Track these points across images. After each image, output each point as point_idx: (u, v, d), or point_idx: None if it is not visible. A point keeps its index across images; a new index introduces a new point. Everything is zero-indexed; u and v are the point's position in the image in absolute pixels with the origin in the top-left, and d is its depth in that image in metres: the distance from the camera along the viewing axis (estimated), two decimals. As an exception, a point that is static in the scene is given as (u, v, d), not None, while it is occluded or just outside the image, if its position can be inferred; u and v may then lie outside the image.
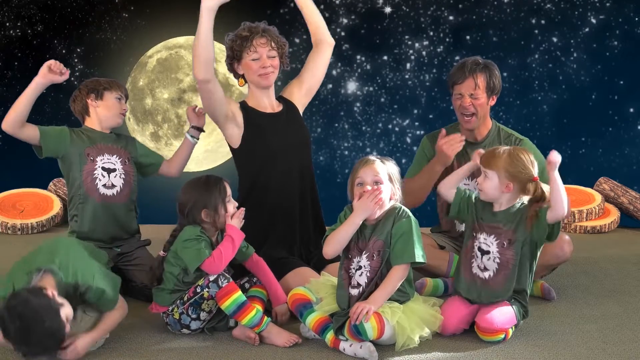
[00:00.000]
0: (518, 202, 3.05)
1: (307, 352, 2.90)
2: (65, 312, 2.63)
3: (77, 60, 6.85)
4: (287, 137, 3.51)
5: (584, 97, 6.57)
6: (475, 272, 3.08)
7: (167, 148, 3.89)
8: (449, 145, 3.49)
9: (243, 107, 3.52)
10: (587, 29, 6.54)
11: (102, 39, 6.87)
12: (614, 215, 5.29)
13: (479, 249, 3.08)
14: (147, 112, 6.83)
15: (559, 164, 2.89)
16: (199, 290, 2.98)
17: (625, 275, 3.97)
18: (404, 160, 4.00)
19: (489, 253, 3.05)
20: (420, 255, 2.91)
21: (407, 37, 6.74)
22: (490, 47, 6.58)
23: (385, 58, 6.77)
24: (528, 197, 3.03)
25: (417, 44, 6.74)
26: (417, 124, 6.75)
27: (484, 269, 3.06)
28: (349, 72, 6.79)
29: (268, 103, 3.55)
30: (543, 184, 3.00)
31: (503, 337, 2.97)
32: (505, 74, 6.42)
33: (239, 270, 3.27)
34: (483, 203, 3.12)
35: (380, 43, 6.76)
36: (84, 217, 3.57)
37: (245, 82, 3.56)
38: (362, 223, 2.97)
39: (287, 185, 3.48)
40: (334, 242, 2.97)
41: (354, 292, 2.94)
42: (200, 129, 3.71)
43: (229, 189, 3.17)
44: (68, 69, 3.43)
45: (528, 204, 3.03)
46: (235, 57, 3.50)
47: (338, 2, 6.73)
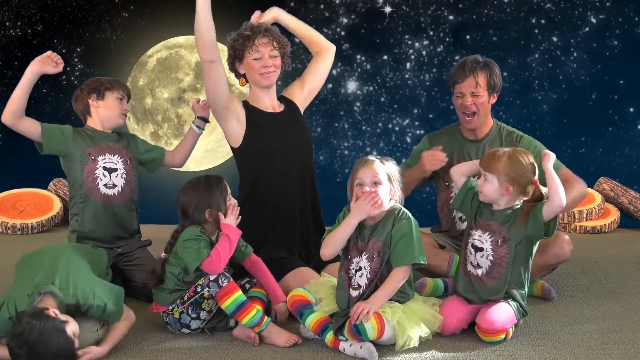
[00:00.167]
0: (517, 203, 3.06)
1: (307, 352, 2.90)
2: (71, 328, 2.64)
3: (77, 60, 6.85)
4: (287, 137, 3.51)
5: (584, 96, 6.56)
6: (469, 269, 3.10)
7: (167, 147, 3.93)
8: (430, 160, 3.56)
9: (245, 105, 3.52)
10: (587, 29, 6.53)
11: (102, 39, 6.87)
12: (614, 215, 5.29)
13: (473, 246, 3.09)
14: (147, 111, 6.82)
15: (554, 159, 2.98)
16: (200, 290, 2.98)
17: (625, 275, 3.97)
18: (404, 160, 3.99)
19: (483, 250, 3.06)
20: (421, 257, 2.91)
21: (407, 36, 6.73)
22: (490, 46, 6.57)
23: (385, 58, 6.77)
24: (527, 198, 3.03)
25: (417, 44, 6.73)
26: (417, 124, 6.74)
27: (477, 266, 3.07)
28: (349, 71, 6.79)
29: (269, 103, 3.55)
30: (542, 187, 3.00)
31: (504, 337, 2.97)
32: (505, 74, 6.41)
33: (239, 271, 3.27)
34: None
35: (380, 43, 6.76)
36: (85, 216, 3.57)
37: (247, 81, 3.56)
38: (361, 224, 2.98)
39: (287, 185, 3.47)
40: (331, 243, 2.98)
41: (354, 293, 2.94)
42: (206, 120, 3.72)
43: (229, 188, 3.17)
44: (63, 62, 3.42)
45: (523, 203, 3.04)
46: (237, 56, 3.50)
47: (338, 1, 6.73)
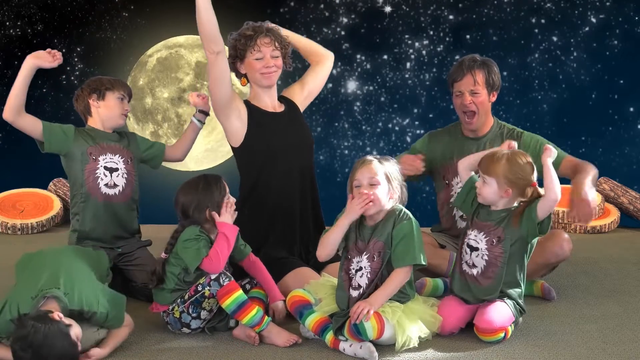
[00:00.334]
0: (515, 204, 3.06)
1: (307, 352, 2.90)
2: (75, 331, 2.64)
3: (77, 60, 6.85)
4: (288, 137, 3.51)
5: (584, 96, 6.56)
6: (465, 268, 3.10)
7: (167, 147, 3.99)
8: (407, 166, 3.53)
9: (247, 104, 3.52)
10: (587, 28, 6.53)
11: (102, 38, 6.87)
12: (614, 215, 5.28)
13: (468, 246, 3.09)
14: (147, 111, 6.82)
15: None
16: (200, 289, 2.98)
17: (625, 275, 3.97)
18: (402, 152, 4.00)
19: (478, 250, 3.06)
20: (422, 258, 2.91)
21: (407, 36, 6.73)
22: (490, 46, 6.57)
23: (385, 57, 6.77)
24: (525, 199, 3.03)
25: (417, 43, 6.73)
26: (417, 123, 6.75)
27: (472, 266, 3.07)
28: (349, 71, 6.79)
29: (270, 102, 3.55)
30: (540, 189, 3.00)
31: (503, 335, 2.97)
32: (505, 73, 6.42)
33: (239, 272, 3.26)
34: None
35: (380, 42, 6.76)
36: (85, 216, 3.57)
37: (248, 81, 3.56)
38: (361, 224, 2.98)
39: (287, 185, 3.47)
40: (325, 244, 2.98)
41: (355, 293, 2.93)
42: (207, 113, 3.73)
43: (227, 187, 3.17)
44: (61, 58, 3.42)
45: (519, 203, 3.04)
46: (239, 56, 3.50)
47: (338, 1, 6.73)
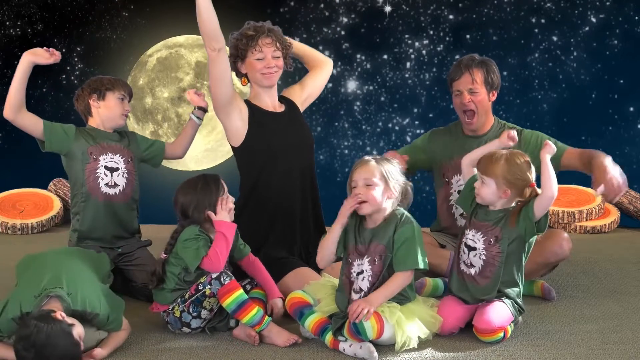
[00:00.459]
0: (514, 204, 3.06)
1: (307, 352, 2.90)
2: (77, 331, 2.65)
3: (77, 59, 6.85)
4: (288, 136, 3.51)
5: (584, 96, 6.56)
6: (462, 268, 3.10)
7: (167, 147, 4.02)
8: None
9: (248, 103, 3.52)
10: (587, 28, 6.53)
11: (102, 38, 6.87)
12: (614, 215, 5.28)
13: (466, 245, 3.09)
14: (147, 111, 6.83)
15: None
16: (201, 288, 2.98)
17: (625, 275, 3.97)
18: (403, 146, 4.01)
19: (475, 250, 3.06)
20: (423, 262, 2.91)
21: (407, 36, 6.73)
22: (490, 46, 6.58)
23: (385, 57, 6.77)
24: (523, 199, 3.03)
25: (417, 43, 6.74)
26: (417, 123, 6.75)
27: (470, 265, 3.07)
28: (349, 71, 6.79)
29: (270, 102, 3.55)
30: (539, 189, 3.00)
31: (502, 335, 2.97)
32: (505, 73, 6.43)
33: (239, 273, 3.25)
34: None
35: (380, 42, 6.76)
36: (86, 215, 3.57)
37: (248, 81, 3.56)
38: (361, 226, 2.98)
39: (287, 185, 3.47)
40: (322, 250, 3.01)
41: (356, 296, 2.92)
42: (205, 110, 3.74)
43: (226, 186, 3.17)
44: (59, 55, 3.42)
45: (517, 203, 3.04)
46: (240, 55, 3.50)
47: (338, 1, 6.73)
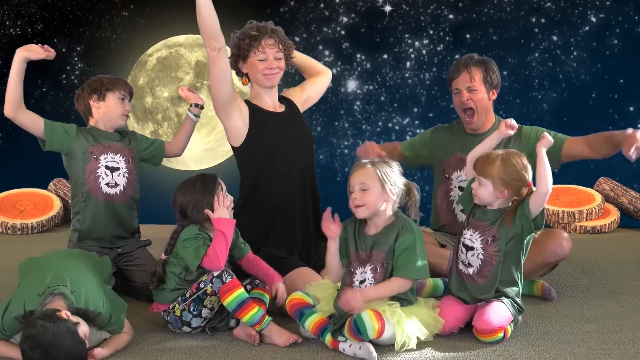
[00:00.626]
0: (511, 203, 3.06)
1: (307, 352, 2.90)
2: (83, 330, 2.66)
3: (77, 59, 6.85)
4: (288, 136, 3.51)
5: (584, 95, 6.56)
6: (461, 268, 3.11)
7: (167, 147, 4.04)
8: (362, 153, 3.61)
9: (248, 103, 3.52)
10: (587, 28, 6.53)
11: (102, 38, 6.87)
12: (614, 215, 5.28)
13: (464, 245, 3.10)
14: (147, 110, 6.83)
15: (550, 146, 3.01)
16: (203, 286, 2.98)
17: (625, 275, 3.97)
18: (408, 139, 4.01)
19: (473, 249, 3.07)
20: (421, 272, 2.90)
21: (407, 35, 6.73)
22: (490, 45, 6.58)
23: (385, 57, 6.77)
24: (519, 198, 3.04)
25: (417, 43, 6.74)
26: (417, 123, 6.75)
27: (468, 265, 3.08)
28: (349, 70, 6.79)
29: (270, 103, 3.55)
30: (535, 187, 3.00)
31: (502, 335, 2.97)
32: (505, 73, 6.43)
33: (239, 274, 3.25)
34: None
35: (380, 42, 6.76)
36: (86, 215, 3.56)
37: (249, 81, 3.56)
38: (361, 232, 2.99)
39: (288, 185, 3.47)
40: (329, 271, 3.04)
41: None
42: (201, 106, 3.76)
43: (224, 185, 3.17)
44: (53, 52, 3.43)
45: (513, 201, 3.05)
46: (242, 55, 3.49)
47: (338, 0, 6.73)
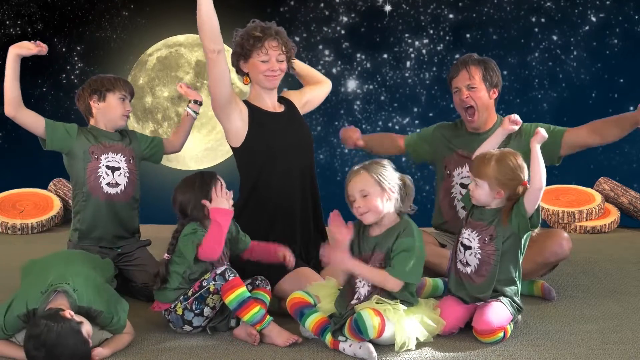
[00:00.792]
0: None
1: (307, 352, 2.90)
2: (86, 329, 2.67)
3: (77, 59, 6.85)
4: (288, 136, 3.51)
5: (584, 95, 6.56)
6: (459, 267, 3.12)
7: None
8: (344, 139, 3.91)
9: (247, 104, 3.52)
10: (587, 27, 6.53)
11: (102, 37, 6.87)
12: (614, 215, 5.28)
13: (462, 244, 3.11)
14: (147, 110, 6.83)
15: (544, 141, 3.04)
16: (205, 284, 2.98)
17: (625, 275, 3.97)
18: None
19: (471, 248, 3.07)
20: (411, 276, 2.90)
21: (407, 35, 6.73)
22: (490, 45, 6.58)
23: (385, 56, 6.77)
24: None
25: (417, 42, 6.74)
26: (417, 122, 6.75)
27: (466, 264, 3.09)
28: (349, 70, 6.80)
29: (270, 103, 3.55)
30: None
31: (502, 335, 2.97)
32: (505, 72, 6.42)
33: (240, 274, 3.25)
34: None
35: (380, 41, 6.76)
36: (87, 215, 3.57)
37: (250, 80, 3.56)
38: (365, 234, 3.00)
39: (287, 185, 3.47)
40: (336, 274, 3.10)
41: (355, 303, 2.93)
42: (200, 103, 3.78)
43: (224, 182, 3.17)
44: (45, 47, 3.41)
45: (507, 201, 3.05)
46: (244, 54, 3.49)
47: (338, 0, 6.73)
